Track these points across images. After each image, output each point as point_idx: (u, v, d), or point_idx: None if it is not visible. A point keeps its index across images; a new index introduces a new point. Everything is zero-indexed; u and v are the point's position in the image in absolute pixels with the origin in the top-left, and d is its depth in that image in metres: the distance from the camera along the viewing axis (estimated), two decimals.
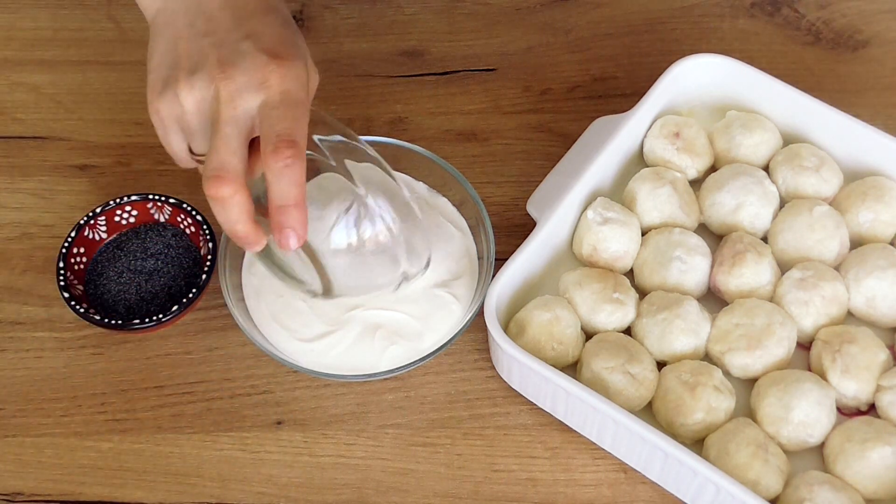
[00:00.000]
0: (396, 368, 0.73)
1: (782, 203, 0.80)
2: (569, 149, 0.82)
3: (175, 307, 0.76)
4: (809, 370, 0.73)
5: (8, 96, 0.92)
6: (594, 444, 0.73)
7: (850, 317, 0.76)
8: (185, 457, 0.74)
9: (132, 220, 0.81)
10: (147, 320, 0.75)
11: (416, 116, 0.91)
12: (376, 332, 0.75)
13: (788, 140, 0.83)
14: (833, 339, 0.72)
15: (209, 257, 0.78)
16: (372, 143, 0.82)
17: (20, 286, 0.82)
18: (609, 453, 0.72)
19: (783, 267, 0.77)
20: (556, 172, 0.80)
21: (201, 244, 0.80)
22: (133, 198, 0.81)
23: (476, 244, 0.80)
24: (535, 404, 0.74)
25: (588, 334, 0.75)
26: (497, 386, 0.76)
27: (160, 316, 0.75)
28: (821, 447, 0.70)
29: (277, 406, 0.76)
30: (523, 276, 0.75)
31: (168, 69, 0.64)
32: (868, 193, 0.78)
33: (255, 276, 0.78)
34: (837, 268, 0.77)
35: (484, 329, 0.73)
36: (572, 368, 0.74)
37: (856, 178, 0.80)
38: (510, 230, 0.82)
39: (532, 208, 0.78)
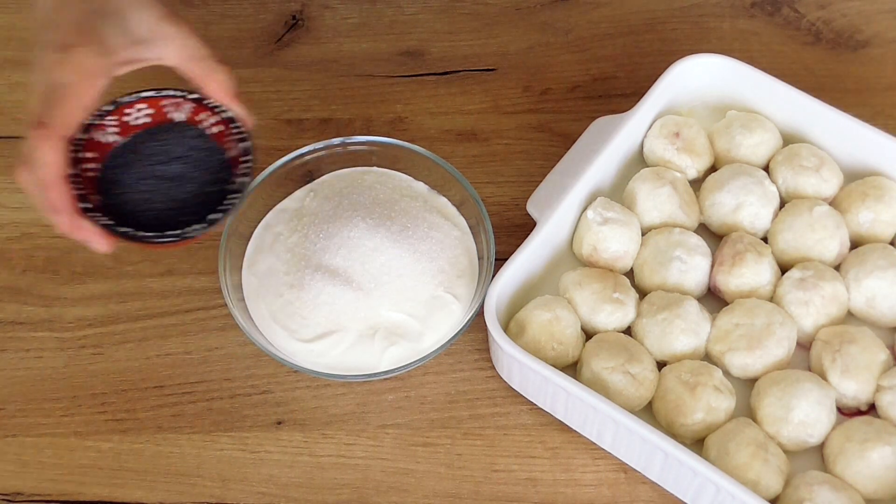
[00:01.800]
0: (396, 368, 0.73)
1: (782, 203, 0.80)
2: (569, 149, 0.82)
3: (226, 204, 0.67)
4: (809, 370, 0.73)
5: (8, 96, 0.92)
6: (594, 444, 0.73)
7: (850, 317, 0.76)
8: (185, 457, 0.74)
9: (146, 119, 0.70)
10: (190, 227, 0.66)
11: (416, 116, 0.91)
12: (376, 332, 0.75)
13: (788, 140, 0.83)
14: (833, 339, 0.72)
15: (246, 157, 0.69)
16: (372, 143, 0.82)
17: (20, 286, 0.82)
18: (609, 453, 0.72)
19: (783, 267, 0.77)
20: (556, 172, 0.80)
21: (229, 145, 0.70)
22: (147, 94, 0.70)
23: (476, 244, 0.80)
24: (535, 404, 0.74)
25: (588, 334, 0.75)
26: (497, 386, 0.76)
27: (212, 217, 0.66)
28: (821, 447, 0.70)
29: (277, 406, 0.76)
30: (523, 276, 0.75)
31: None
32: (868, 193, 0.78)
33: (255, 276, 0.78)
34: (837, 268, 0.77)
35: (484, 329, 0.73)
36: (572, 368, 0.74)
37: (856, 178, 0.80)
38: (510, 230, 0.82)
39: (532, 208, 0.78)
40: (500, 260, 0.74)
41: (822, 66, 0.93)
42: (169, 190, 0.68)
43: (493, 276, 0.73)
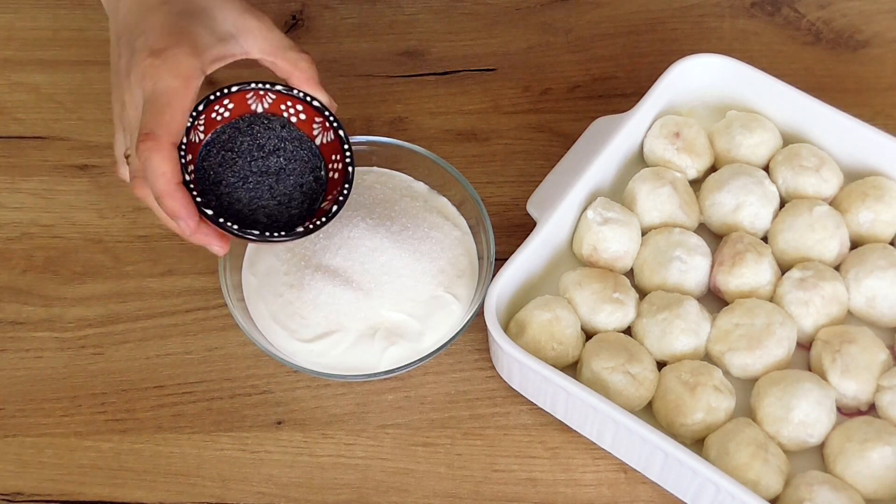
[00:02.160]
0: (396, 368, 0.73)
1: (782, 203, 0.80)
2: (569, 149, 0.82)
3: (344, 192, 0.68)
4: (809, 370, 0.73)
5: (8, 96, 0.92)
6: (594, 444, 0.73)
7: (850, 317, 0.76)
8: (185, 457, 0.74)
9: (227, 114, 0.69)
10: (314, 223, 0.67)
11: (416, 116, 0.91)
12: (376, 332, 0.75)
13: (788, 140, 0.83)
14: (833, 339, 0.72)
15: (345, 144, 0.69)
16: (372, 143, 0.82)
17: (20, 286, 0.82)
18: (609, 453, 0.72)
19: (783, 267, 0.77)
20: (556, 172, 0.80)
21: (317, 133, 0.71)
22: (234, 88, 0.69)
23: (476, 244, 0.80)
24: (535, 404, 0.74)
25: (588, 334, 0.75)
26: (497, 386, 0.76)
27: (333, 209, 0.67)
28: (821, 447, 0.70)
29: (277, 406, 0.76)
30: (523, 276, 0.75)
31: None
32: (868, 193, 0.78)
33: (255, 276, 0.78)
34: (837, 268, 0.77)
35: (484, 329, 0.73)
36: (572, 368, 0.74)
37: (856, 178, 0.80)
38: (510, 230, 0.82)
39: (532, 208, 0.78)
40: (500, 260, 0.74)
41: (822, 66, 0.93)
42: (273, 185, 0.69)
43: (493, 276, 0.73)
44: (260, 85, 0.69)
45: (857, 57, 0.94)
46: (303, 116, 0.70)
